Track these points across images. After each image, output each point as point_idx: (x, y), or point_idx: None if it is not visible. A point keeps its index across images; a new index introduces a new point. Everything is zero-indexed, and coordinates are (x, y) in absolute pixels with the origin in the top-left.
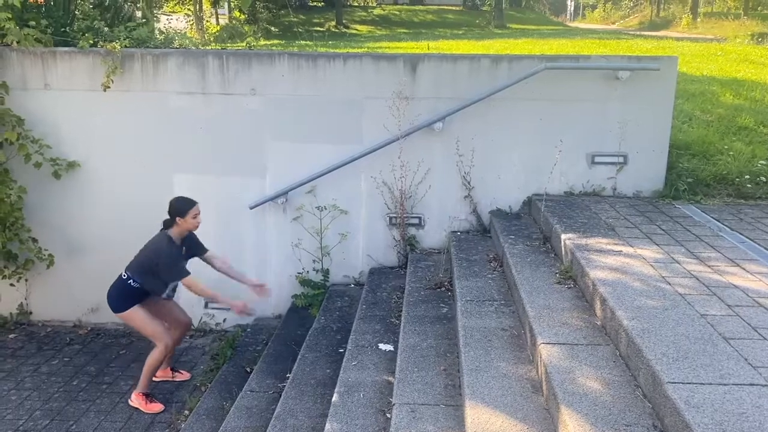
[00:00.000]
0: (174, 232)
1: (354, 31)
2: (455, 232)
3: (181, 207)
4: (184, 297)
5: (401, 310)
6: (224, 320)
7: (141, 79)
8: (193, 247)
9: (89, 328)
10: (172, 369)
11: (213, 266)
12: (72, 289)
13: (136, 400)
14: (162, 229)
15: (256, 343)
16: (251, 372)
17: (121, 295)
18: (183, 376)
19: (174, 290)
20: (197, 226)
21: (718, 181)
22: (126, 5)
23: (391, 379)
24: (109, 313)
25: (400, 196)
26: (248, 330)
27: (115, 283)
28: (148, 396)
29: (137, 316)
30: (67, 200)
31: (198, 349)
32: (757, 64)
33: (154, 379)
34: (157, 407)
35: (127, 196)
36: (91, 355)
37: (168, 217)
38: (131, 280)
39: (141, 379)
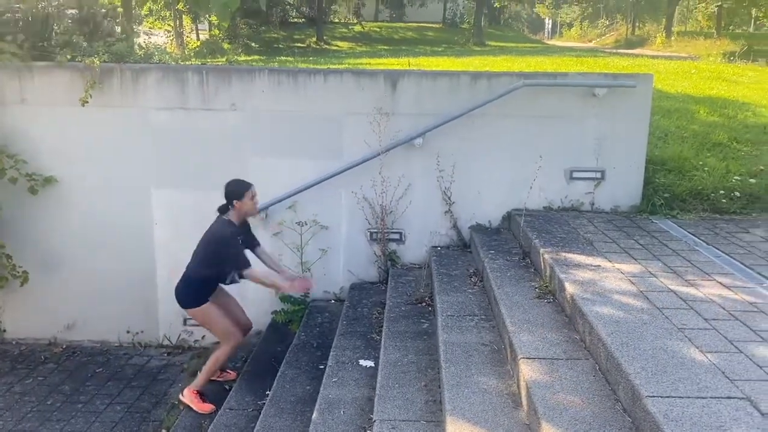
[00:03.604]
0: (233, 216)
1: (335, 48)
2: (436, 247)
3: (237, 189)
4: (167, 310)
5: (382, 326)
6: (203, 337)
7: (120, 94)
8: (248, 237)
9: (64, 346)
10: (221, 369)
11: (263, 261)
12: (47, 306)
13: (188, 396)
14: (219, 216)
15: (235, 359)
16: (230, 389)
17: (191, 290)
18: (230, 375)
19: (236, 277)
20: (255, 208)
21: (694, 196)
22: (106, 20)
23: (371, 395)
24: (85, 330)
25: (380, 211)
26: None
27: (182, 278)
28: (202, 395)
29: (209, 313)
30: (43, 216)
31: (176, 367)
32: (729, 82)
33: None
34: (208, 408)
35: (105, 212)
36: (66, 374)
37: (224, 202)
38: (196, 277)
39: (200, 376)
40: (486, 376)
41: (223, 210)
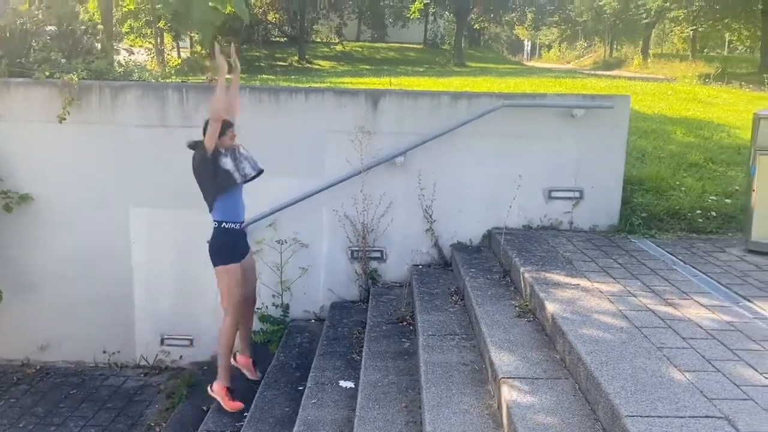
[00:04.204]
0: None
1: (317, 67)
2: (417, 265)
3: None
4: (144, 329)
5: (362, 346)
6: (180, 357)
7: (99, 112)
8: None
9: (38, 367)
10: (254, 362)
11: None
12: (21, 326)
13: (218, 392)
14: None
15: (213, 380)
16: (208, 410)
17: (221, 242)
18: (257, 376)
19: (241, 170)
20: (232, 144)
21: (671, 216)
22: (85, 37)
23: (351, 416)
24: (60, 351)
25: (362, 229)
26: (205, 367)
27: (212, 236)
28: (231, 392)
29: (232, 274)
30: (18, 234)
31: (153, 387)
32: (704, 103)
33: (233, 363)
34: (237, 406)
35: (82, 230)
36: (39, 396)
37: (201, 138)
38: (224, 223)
39: (220, 364)
40: (467, 396)
41: (194, 146)
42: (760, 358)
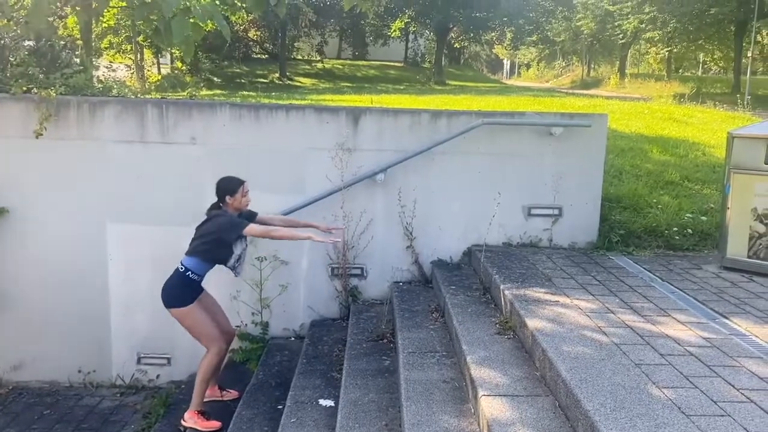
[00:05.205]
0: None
1: (298, 84)
2: (398, 282)
3: (230, 186)
4: (121, 348)
5: (342, 364)
6: (158, 376)
7: (77, 127)
8: (245, 217)
9: (10, 387)
10: (219, 387)
11: (273, 225)
12: None
13: (190, 419)
14: (213, 212)
15: (190, 400)
16: (185, 431)
17: (178, 289)
18: (231, 394)
19: (240, 262)
20: (247, 203)
21: (649, 233)
22: (63, 52)
23: None
24: (33, 370)
25: (342, 246)
26: (183, 387)
27: (171, 276)
28: (204, 413)
29: (192, 314)
30: None
31: (129, 407)
32: (680, 122)
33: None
34: (214, 424)
35: (58, 246)
36: (12, 417)
37: (215, 200)
38: (189, 272)
39: (195, 394)
40: (447, 414)
41: (214, 208)
42: (737, 375)
